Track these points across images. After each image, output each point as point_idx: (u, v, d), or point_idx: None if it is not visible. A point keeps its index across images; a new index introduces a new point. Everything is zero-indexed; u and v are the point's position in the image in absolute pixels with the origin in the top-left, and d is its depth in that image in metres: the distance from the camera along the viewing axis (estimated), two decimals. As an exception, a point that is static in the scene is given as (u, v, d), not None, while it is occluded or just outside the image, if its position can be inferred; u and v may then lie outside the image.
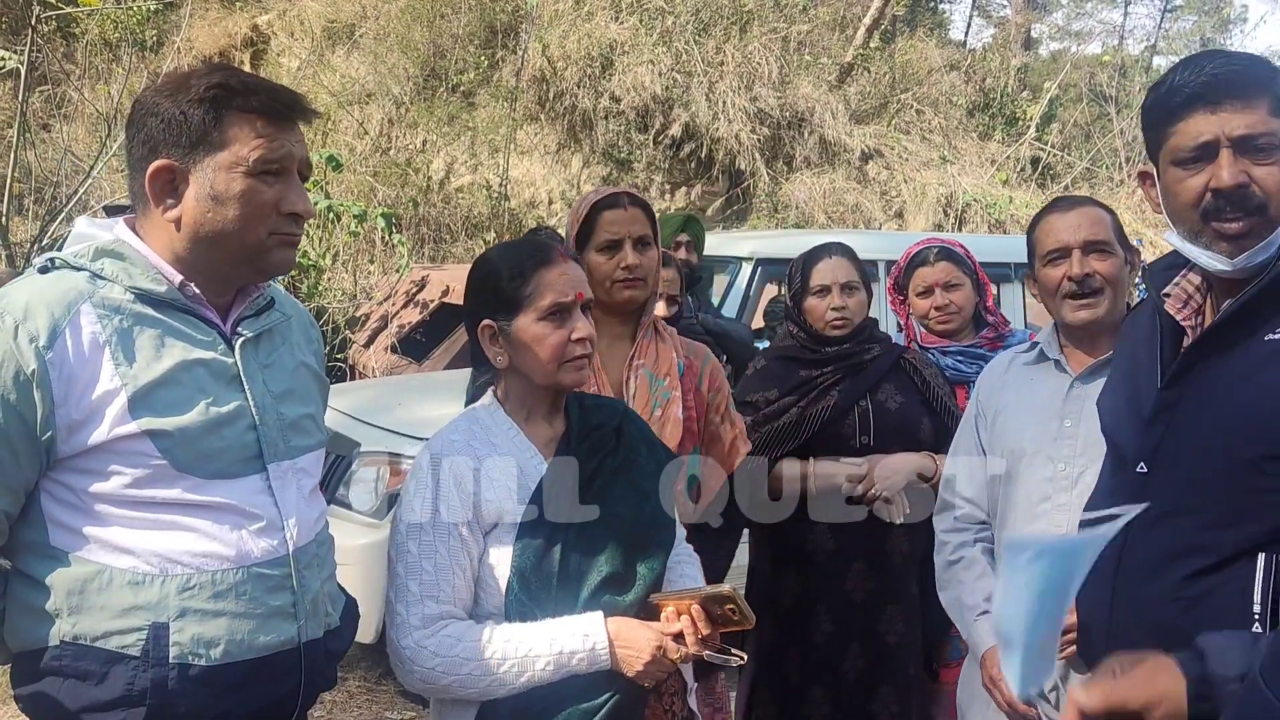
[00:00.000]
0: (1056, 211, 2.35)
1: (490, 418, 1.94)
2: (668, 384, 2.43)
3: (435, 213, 11.52)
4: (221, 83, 1.59)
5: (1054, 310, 2.32)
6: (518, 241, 2.15)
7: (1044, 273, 2.30)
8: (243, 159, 1.59)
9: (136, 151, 1.61)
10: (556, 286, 1.87)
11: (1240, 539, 1.59)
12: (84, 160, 8.40)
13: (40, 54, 9.19)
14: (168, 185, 1.60)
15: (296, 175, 1.68)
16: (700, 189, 12.91)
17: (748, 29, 13.31)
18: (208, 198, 1.59)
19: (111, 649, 1.56)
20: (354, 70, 12.74)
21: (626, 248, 2.39)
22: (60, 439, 1.53)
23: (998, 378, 2.46)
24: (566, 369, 1.87)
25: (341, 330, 7.91)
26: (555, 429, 1.96)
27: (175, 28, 12.20)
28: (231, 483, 1.63)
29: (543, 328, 1.86)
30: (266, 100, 1.62)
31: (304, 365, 1.85)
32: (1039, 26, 28.63)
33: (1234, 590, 1.58)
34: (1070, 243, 2.27)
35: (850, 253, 3.07)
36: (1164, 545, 1.68)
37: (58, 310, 1.53)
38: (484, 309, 1.92)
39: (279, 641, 1.67)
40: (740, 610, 1.80)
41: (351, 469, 4.39)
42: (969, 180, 13.29)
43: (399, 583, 1.82)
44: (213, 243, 1.62)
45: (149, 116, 1.59)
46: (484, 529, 1.84)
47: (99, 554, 1.57)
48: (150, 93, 1.61)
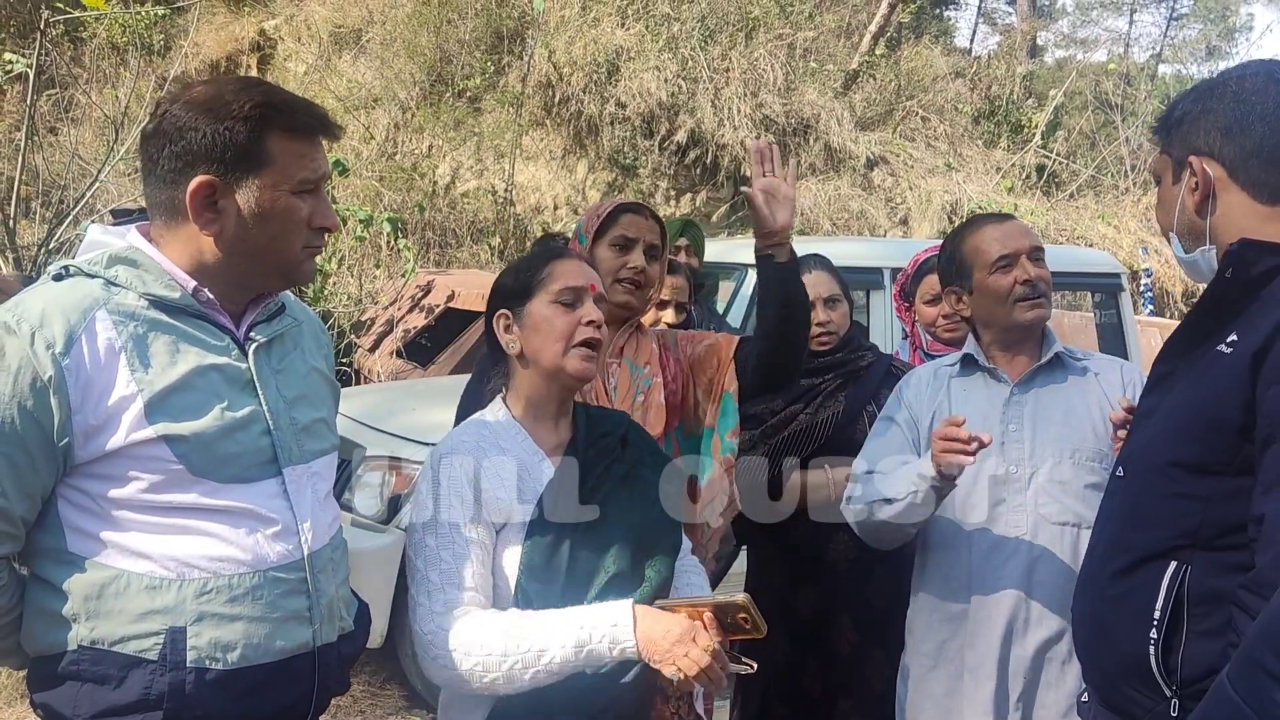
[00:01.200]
0: (991, 224, 2.46)
1: (498, 424, 1.96)
2: (648, 371, 2.45)
3: (441, 217, 11.56)
4: (265, 101, 1.62)
5: (1001, 316, 2.39)
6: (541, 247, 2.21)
7: (993, 280, 2.37)
8: (287, 177, 1.64)
9: (166, 165, 1.62)
10: (571, 273, 1.95)
11: (1149, 542, 1.65)
12: (91, 164, 8.42)
13: (48, 58, 9.23)
14: (208, 201, 1.62)
15: (322, 189, 1.72)
16: (705, 195, 12.93)
17: (753, 36, 13.34)
18: (251, 215, 1.63)
19: (129, 653, 1.57)
20: (360, 75, 12.79)
21: (637, 250, 2.43)
22: (77, 445, 1.55)
23: (925, 386, 2.50)
24: (574, 354, 1.90)
25: (347, 335, 7.92)
26: (562, 435, 1.98)
27: (183, 32, 12.25)
28: (247, 487, 1.65)
29: (554, 310, 1.92)
30: (305, 119, 1.67)
31: (315, 370, 1.87)
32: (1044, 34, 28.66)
33: (1144, 594, 1.63)
34: (1019, 248, 2.37)
35: (829, 265, 3.10)
36: (1104, 542, 1.78)
37: (73, 317, 1.54)
38: (501, 302, 2.00)
39: (295, 645, 1.68)
40: (753, 619, 1.81)
41: (356, 473, 4.39)
42: (974, 187, 13.30)
43: (419, 576, 1.83)
44: (250, 256, 1.66)
45: (187, 131, 1.60)
46: (495, 528, 1.86)
47: (116, 559, 1.58)
48: (179, 108, 1.62)
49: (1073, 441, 2.31)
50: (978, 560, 2.32)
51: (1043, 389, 2.37)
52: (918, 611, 2.46)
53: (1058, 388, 2.38)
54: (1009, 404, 2.37)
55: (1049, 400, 2.37)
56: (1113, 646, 1.72)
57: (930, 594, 2.42)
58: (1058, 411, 2.35)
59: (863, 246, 6.93)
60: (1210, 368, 1.61)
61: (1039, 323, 2.39)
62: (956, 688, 2.35)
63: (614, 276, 2.42)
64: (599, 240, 2.45)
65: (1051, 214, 13.36)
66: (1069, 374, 2.39)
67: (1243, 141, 1.63)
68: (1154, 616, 1.62)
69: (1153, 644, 1.62)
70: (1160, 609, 1.61)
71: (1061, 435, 2.32)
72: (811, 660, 2.92)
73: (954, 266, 2.48)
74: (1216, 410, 1.57)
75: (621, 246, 2.43)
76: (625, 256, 2.42)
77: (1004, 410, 2.37)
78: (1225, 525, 1.57)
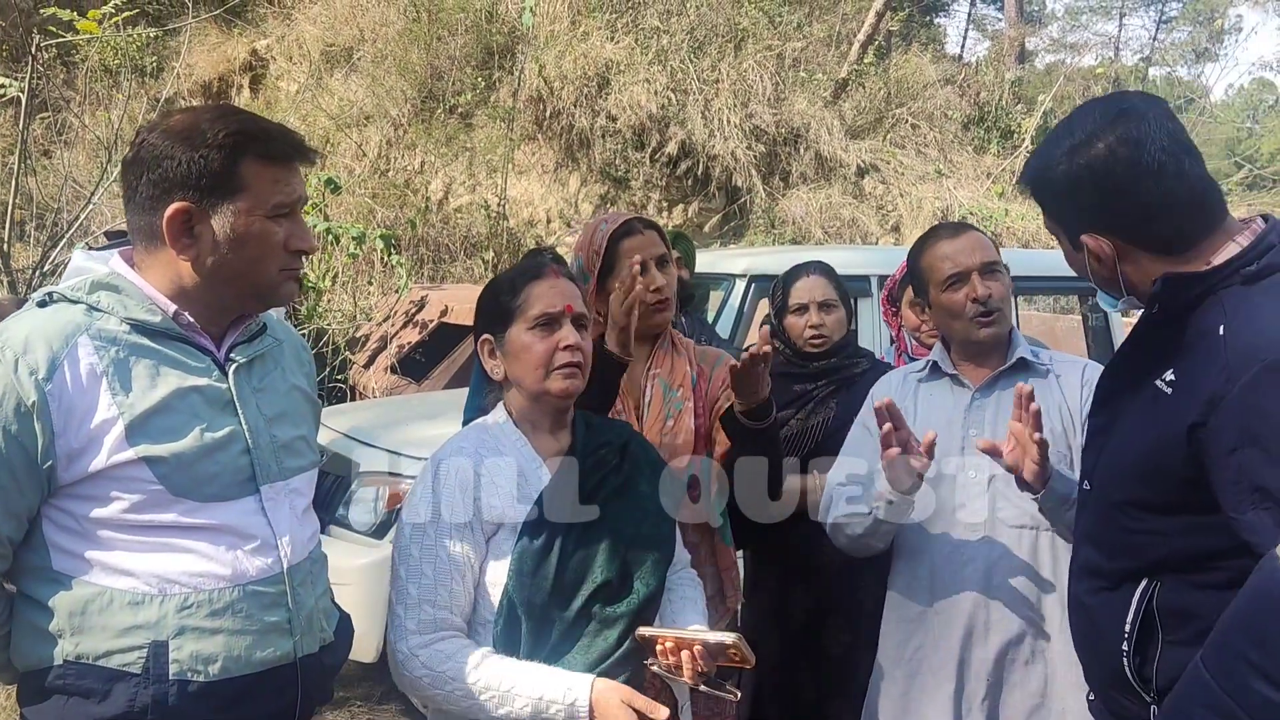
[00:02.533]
0: (945, 239, 2.45)
1: (499, 428, 2.01)
2: (680, 395, 2.46)
3: (434, 233, 11.58)
4: (239, 129, 1.67)
5: (958, 330, 2.41)
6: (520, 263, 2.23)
7: (946, 297, 2.39)
8: (261, 202, 1.68)
9: (145, 192, 1.67)
10: (545, 298, 1.96)
11: (1122, 571, 1.70)
12: (85, 186, 8.45)
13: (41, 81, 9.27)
14: (185, 226, 1.66)
15: (299, 212, 1.76)
16: (697, 206, 12.97)
17: (742, 47, 13.39)
18: (227, 239, 1.67)
19: (113, 667, 1.62)
20: (352, 93, 12.83)
21: (652, 270, 2.43)
22: (60, 467, 1.59)
23: (894, 392, 2.52)
24: (554, 376, 1.93)
25: (342, 351, 7.95)
26: (561, 443, 2.01)
27: (175, 54, 12.29)
28: (226, 505, 1.69)
29: (531, 336, 1.94)
30: (279, 145, 1.71)
31: (296, 388, 1.91)
32: (1034, 39, 28.73)
33: (1118, 608, 1.68)
34: (969, 265, 2.37)
35: (829, 271, 3.14)
36: (1080, 560, 1.84)
37: (56, 343, 1.59)
38: (484, 325, 2.03)
39: (276, 657, 1.73)
40: (742, 654, 1.84)
41: (351, 489, 4.42)
42: (965, 193, 13.35)
43: (400, 585, 1.88)
44: (227, 280, 1.71)
45: (163, 160, 1.64)
46: (487, 533, 1.89)
47: (99, 576, 1.63)
48: (156, 136, 1.67)
49: None
50: (939, 562, 2.35)
51: (1004, 392, 2.39)
52: (887, 613, 2.50)
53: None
54: (970, 409, 2.41)
55: (1009, 404, 2.38)
56: (1096, 655, 1.78)
57: (896, 595, 2.46)
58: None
59: (850, 254, 6.96)
60: (1153, 406, 1.63)
61: (992, 341, 2.40)
62: (914, 687, 2.38)
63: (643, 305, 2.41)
64: (608, 276, 2.43)
65: (1042, 218, 13.37)
66: (1031, 377, 2.41)
67: (1122, 218, 1.64)
68: (1124, 630, 1.66)
69: (1125, 656, 1.67)
70: (1130, 623, 1.66)
71: None
72: (803, 662, 2.94)
73: (916, 280, 2.52)
74: (1160, 458, 1.60)
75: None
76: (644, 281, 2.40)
77: (965, 415, 2.41)
78: (1194, 554, 1.60)
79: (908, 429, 2.15)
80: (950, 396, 2.46)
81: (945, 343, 2.53)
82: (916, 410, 2.46)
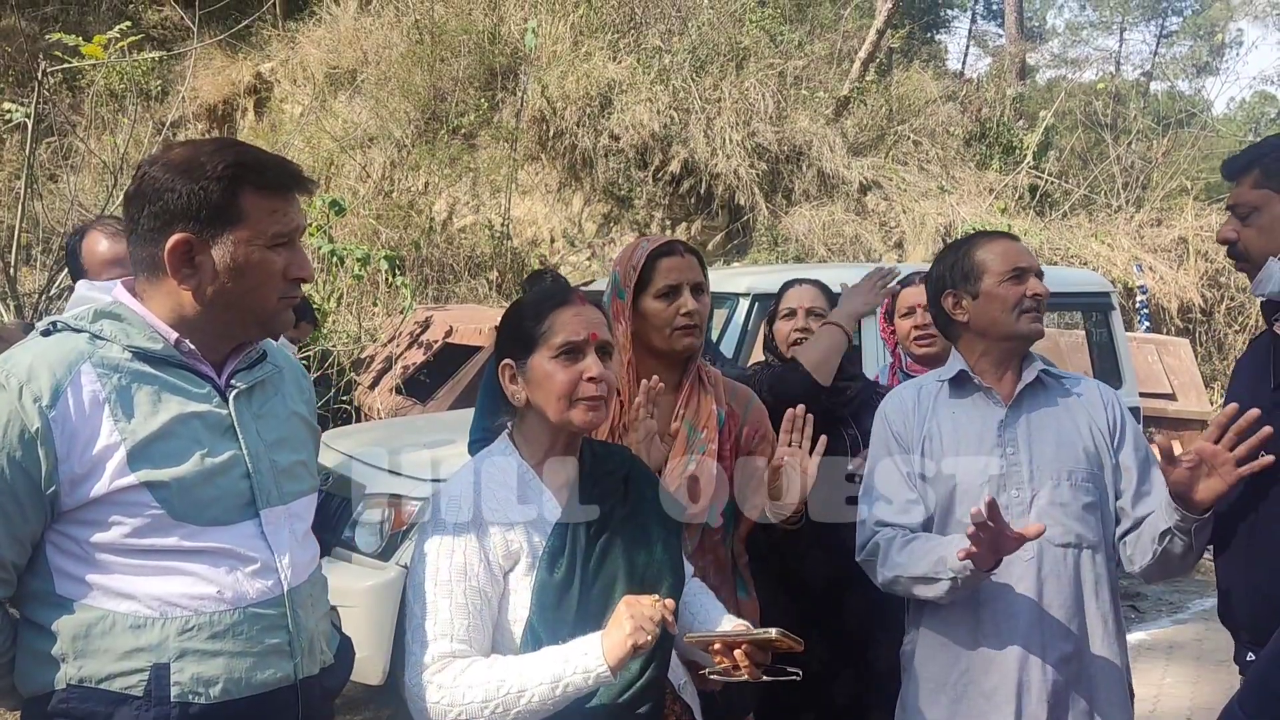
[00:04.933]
0: (1005, 238, 2.50)
1: (505, 461, 1.99)
2: (705, 436, 2.44)
3: (438, 254, 11.63)
4: (238, 161, 1.70)
5: (1003, 323, 2.39)
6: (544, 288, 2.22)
7: (1002, 288, 2.39)
8: (260, 232, 1.71)
9: (146, 224, 1.69)
10: (570, 326, 1.93)
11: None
12: (91, 210, 8.50)
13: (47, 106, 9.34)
14: (185, 257, 1.69)
15: (298, 241, 1.79)
16: (700, 224, 13.01)
17: (744, 65, 13.46)
18: (227, 269, 1.70)
19: (116, 690, 1.63)
20: (356, 115, 12.91)
21: (685, 293, 2.43)
22: (64, 493, 1.61)
23: (911, 411, 2.48)
24: (578, 408, 1.91)
25: (347, 372, 7.96)
26: (569, 473, 2.00)
27: (180, 78, 12.39)
28: (226, 529, 1.71)
29: (554, 365, 1.91)
30: (277, 176, 1.74)
31: (296, 414, 1.93)
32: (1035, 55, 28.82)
33: None
34: (1032, 265, 2.43)
35: (823, 286, 3.22)
36: None
37: (60, 371, 1.62)
38: (506, 349, 2.00)
39: (276, 679, 1.74)
40: (788, 641, 1.88)
41: (357, 511, 4.42)
42: (968, 209, 13.37)
43: (415, 623, 1.85)
44: (227, 308, 1.73)
45: (164, 192, 1.67)
46: (502, 570, 1.88)
47: (102, 600, 1.64)
48: (157, 169, 1.70)
49: (1068, 463, 2.33)
50: (985, 585, 2.28)
51: (1032, 411, 2.38)
52: (921, 642, 2.42)
53: (1046, 409, 2.40)
54: (1003, 427, 2.37)
55: (1040, 422, 2.38)
56: None
57: (935, 621, 2.39)
58: (1049, 433, 2.36)
59: (851, 272, 6.97)
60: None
61: (1036, 336, 2.40)
62: (959, 713, 2.33)
63: (670, 326, 2.42)
64: (642, 293, 2.44)
65: (1045, 233, 13.41)
66: (1054, 394, 2.41)
67: None
68: None
69: None
70: None
71: (1057, 457, 2.33)
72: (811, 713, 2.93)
73: (958, 271, 2.46)
74: None
75: (668, 295, 2.43)
76: (675, 302, 2.42)
77: (999, 434, 2.37)
78: None
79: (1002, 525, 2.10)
80: (979, 413, 2.41)
81: (961, 351, 2.49)
82: (941, 429, 2.42)
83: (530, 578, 1.87)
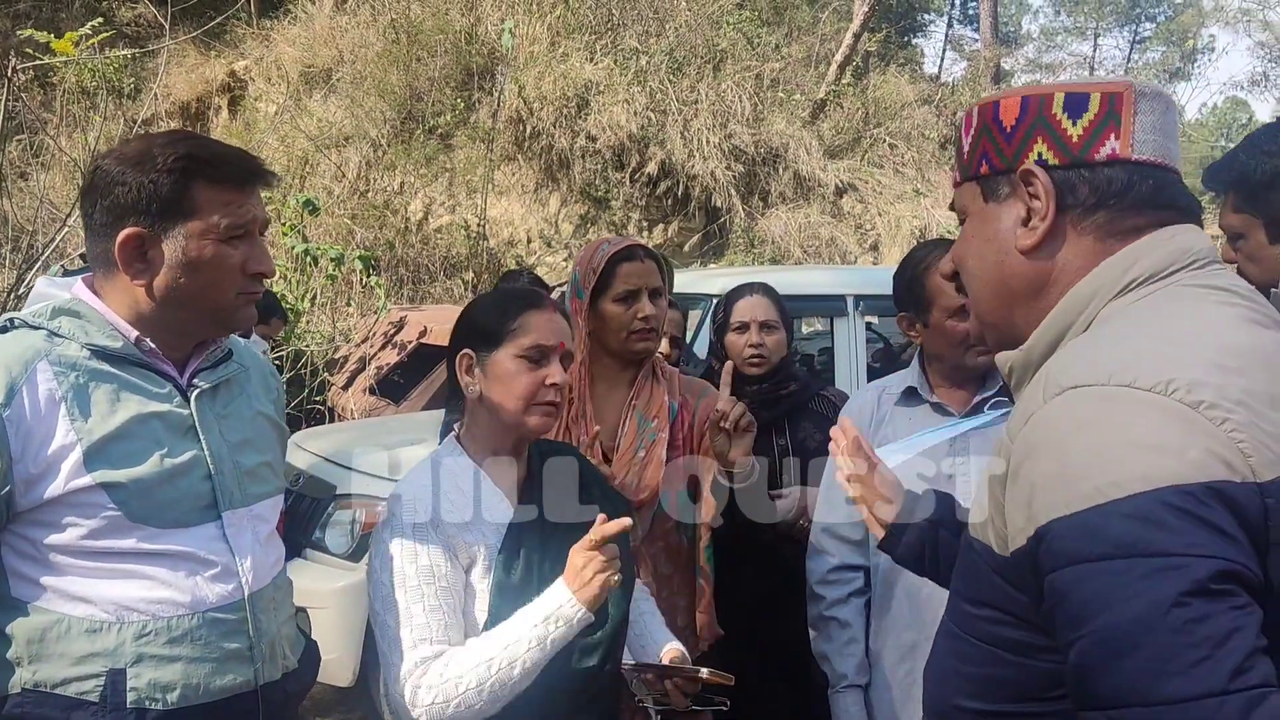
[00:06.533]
0: None
1: (454, 462, 1.96)
2: (655, 425, 2.44)
3: (413, 254, 11.59)
4: (189, 153, 1.66)
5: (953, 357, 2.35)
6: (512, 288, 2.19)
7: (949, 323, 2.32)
8: (213, 226, 1.67)
9: (99, 219, 1.66)
10: (542, 330, 1.91)
11: None
12: (61, 209, 8.42)
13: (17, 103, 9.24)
14: (137, 252, 1.66)
15: (259, 236, 1.75)
16: (677, 226, 13.02)
17: (721, 68, 13.49)
18: (179, 264, 1.66)
19: (71, 695, 1.60)
20: (331, 114, 12.84)
21: (644, 298, 2.42)
22: (18, 493, 1.58)
23: (868, 414, 2.47)
24: (534, 412, 1.90)
25: (320, 373, 7.92)
26: (517, 472, 1.98)
27: (153, 75, 12.28)
28: (186, 531, 1.68)
29: (518, 365, 1.89)
30: (232, 169, 1.70)
31: (261, 414, 1.90)
32: (1010, 60, 29.04)
33: None
34: None
35: (772, 292, 3.14)
36: None
37: (15, 369, 1.58)
38: (466, 340, 1.96)
39: (236, 684, 1.71)
40: (718, 678, 1.93)
41: (328, 512, 4.39)
42: (943, 213, 13.43)
43: (389, 634, 1.81)
44: (182, 304, 1.70)
45: (115, 186, 1.64)
46: (462, 569, 1.86)
47: (57, 603, 1.61)
48: (110, 162, 1.67)
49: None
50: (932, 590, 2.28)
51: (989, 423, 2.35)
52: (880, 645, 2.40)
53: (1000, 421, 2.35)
54: (954, 438, 2.36)
55: (995, 434, 2.37)
56: None
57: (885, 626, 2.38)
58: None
59: (826, 274, 6.98)
60: None
61: (985, 366, 2.34)
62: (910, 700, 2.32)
63: (627, 330, 2.41)
64: (601, 295, 2.43)
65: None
66: (1010, 406, 2.41)
67: None
68: None
69: None
70: None
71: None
72: (781, 686, 2.91)
73: (911, 295, 2.42)
74: None
75: (626, 299, 2.42)
76: (633, 308, 2.42)
77: (950, 444, 2.35)
78: None
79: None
80: (928, 422, 2.40)
81: (922, 363, 2.47)
82: (895, 434, 2.40)
83: (488, 580, 1.85)
